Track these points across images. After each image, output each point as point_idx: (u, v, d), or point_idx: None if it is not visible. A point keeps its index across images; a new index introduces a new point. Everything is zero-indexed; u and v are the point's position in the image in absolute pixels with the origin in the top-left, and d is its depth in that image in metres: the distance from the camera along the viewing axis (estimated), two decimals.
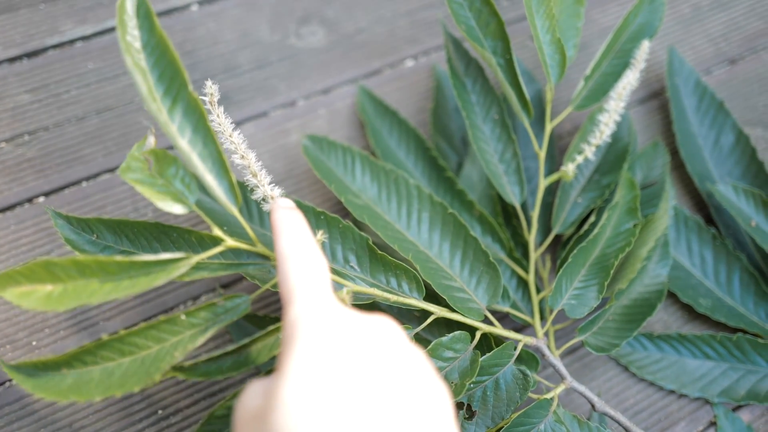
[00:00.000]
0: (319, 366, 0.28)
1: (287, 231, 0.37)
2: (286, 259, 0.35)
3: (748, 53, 0.71)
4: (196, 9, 0.66)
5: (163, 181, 0.37)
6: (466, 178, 0.58)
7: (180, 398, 0.50)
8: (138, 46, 0.36)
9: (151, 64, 0.36)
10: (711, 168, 0.62)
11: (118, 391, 0.35)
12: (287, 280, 0.34)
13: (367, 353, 0.29)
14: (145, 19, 0.36)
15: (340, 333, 0.30)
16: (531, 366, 0.47)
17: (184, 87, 0.36)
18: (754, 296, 0.56)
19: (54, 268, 0.33)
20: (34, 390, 0.35)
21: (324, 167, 0.53)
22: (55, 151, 0.57)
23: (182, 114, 0.37)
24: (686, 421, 0.53)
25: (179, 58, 0.36)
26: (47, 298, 0.33)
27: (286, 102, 0.63)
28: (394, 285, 0.45)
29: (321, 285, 0.34)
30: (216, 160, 0.38)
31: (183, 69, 0.36)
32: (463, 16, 0.52)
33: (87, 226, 0.44)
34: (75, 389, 0.35)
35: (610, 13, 0.72)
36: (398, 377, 0.29)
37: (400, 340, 0.31)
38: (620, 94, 0.52)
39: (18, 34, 0.62)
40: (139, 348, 0.36)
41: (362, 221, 0.48)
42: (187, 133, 0.37)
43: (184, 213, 0.38)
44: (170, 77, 0.36)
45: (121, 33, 0.35)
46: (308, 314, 0.31)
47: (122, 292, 0.33)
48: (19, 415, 0.48)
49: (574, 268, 0.49)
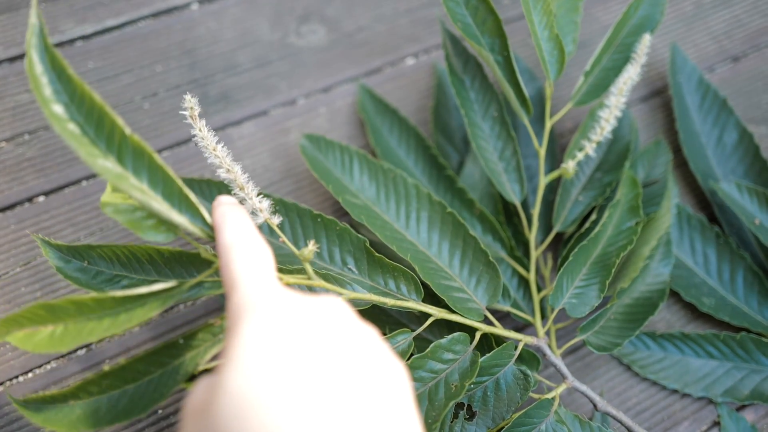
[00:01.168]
0: (265, 351, 0.27)
1: (229, 223, 0.35)
2: (229, 248, 0.34)
3: (752, 51, 0.71)
4: (197, 8, 0.66)
5: (143, 213, 0.36)
6: (467, 177, 0.58)
7: (180, 398, 0.50)
8: (61, 111, 0.32)
9: (81, 122, 0.33)
10: (714, 166, 0.61)
11: (125, 418, 0.35)
12: (230, 268, 0.33)
13: (315, 335, 0.28)
14: (61, 73, 0.33)
15: (286, 316, 0.29)
16: (532, 366, 0.46)
17: (123, 134, 0.34)
18: (757, 295, 0.56)
19: (53, 309, 0.33)
20: (44, 424, 0.36)
21: (321, 167, 0.52)
22: (55, 150, 0.57)
23: (132, 159, 0.34)
24: (689, 420, 0.53)
25: (104, 104, 0.33)
26: (50, 339, 0.33)
27: (287, 100, 0.63)
28: (393, 287, 0.45)
29: (265, 270, 0.33)
30: (181, 196, 0.36)
31: (114, 115, 0.33)
32: (460, 13, 0.51)
33: (78, 252, 0.43)
34: (84, 420, 0.36)
35: (612, 11, 0.71)
36: (350, 358, 0.28)
37: (350, 320, 0.30)
38: (621, 90, 0.52)
39: (19, 33, 0.62)
40: (142, 374, 0.37)
41: (360, 221, 0.47)
42: (145, 176, 0.34)
43: (170, 241, 0.37)
44: (108, 129, 0.33)
45: (47, 111, 0.32)
46: (252, 299, 0.30)
47: (120, 326, 0.33)
48: (19, 414, 0.48)
49: (575, 267, 0.49)
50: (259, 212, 0.41)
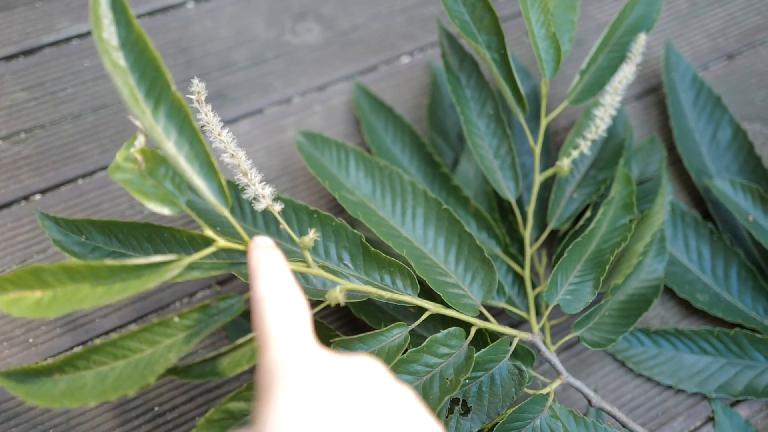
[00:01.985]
0: (301, 423, 0.26)
1: (265, 271, 0.35)
2: (263, 299, 0.33)
3: (746, 48, 0.71)
4: (192, 6, 0.66)
5: (153, 182, 0.36)
6: (462, 175, 0.58)
7: (176, 395, 0.50)
8: (115, 44, 0.34)
9: (130, 63, 0.34)
10: (708, 163, 0.62)
11: (111, 395, 0.34)
12: (263, 322, 0.32)
13: (351, 401, 0.28)
14: (122, 15, 0.34)
15: (321, 382, 0.28)
16: (527, 362, 0.47)
17: (167, 87, 0.35)
18: (751, 291, 0.56)
19: (43, 273, 0.32)
20: (26, 397, 0.34)
21: (318, 164, 0.53)
22: (51, 148, 0.57)
23: (166, 115, 0.35)
24: (684, 416, 0.53)
25: (160, 56, 0.35)
26: (37, 305, 0.32)
27: (282, 99, 0.63)
28: (388, 282, 0.45)
29: (299, 328, 0.32)
30: (204, 162, 0.36)
31: (164, 68, 0.35)
32: (457, 11, 0.52)
33: (75, 227, 0.43)
34: (68, 395, 0.35)
35: (607, 9, 0.71)
36: (387, 423, 0.27)
37: (385, 382, 0.29)
38: (616, 88, 0.52)
39: (14, 32, 0.62)
40: (132, 351, 0.36)
41: (356, 218, 0.48)
42: (173, 134, 0.35)
43: (175, 214, 0.37)
44: (152, 77, 0.35)
45: (96, 32, 0.33)
46: (285, 361, 0.29)
47: (114, 296, 0.33)
48: (16, 411, 0.48)
49: (569, 264, 0.49)
50: (262, 198, 0.41)
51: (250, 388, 0.40)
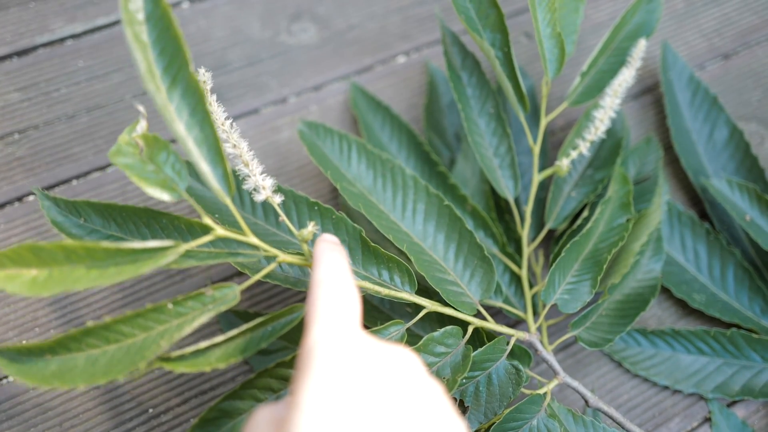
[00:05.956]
0: (335, 398, 0.27)
1: (326, 260, 0.36)
2: (318, 284, 0.35)
3: (742, 48, 0.71)
4: (187, 6, 0.65)
5: (153, 167, 0.36)
6: (459, 174, 0.58)
7: (170, 396, 0.50)
8: (141, 17, 0.33)
9: (152, 39, 0.34)
10: (705, 163, 0.62)
11: (102, 379, 0.34)
12: (313, 303, 0.34)
13: (382, 386, 0.29)
14: None
15: (358, 363, 0.29)
16: (524, 361, 0.46)
17: (185, 66, 0.34)
18: (748, 291, 0.56)
19: (40, 252, 0.32)
20: (17, 375, 0.34)
21: (320, 152, 0.52)
22: (45, 149, 0.57)
23: (181, 95, 0.35)
24: (680, 417, 0.53)
25: (183, 34, 0.34)
26: (32, 283, 0.32)
27: (278, 99, 0.63)
28: (387, 278, 0.45)
29: (347, 314, 0.33)
30: (212, 147, 0.36)
31: (186, 47, 0.34)
32: (464, 6, 0.52)
33: (75, 209, 0.43)
34: (58, 375, 0.34)
35: (602, 9, 0.71)
36: (415, 412, 0.28)
37: (419, 374, 0.30)
38: (616, 92, 0.53)
39: (8, 32, 0.61)
40: (124, 336, 0.35)
41: (357, 209, 0.47)
42: (185, 115, 0.35)
43: (174, 200, 0.37)
44: (171, 54, 0.34)
45: (123, 2, 0.33)
46: (326, 340, 0.30)
47: (108, 279, 0.33)
48: (9, 414, 0.48)
49: (566, 263, 0.49)
50: (262, 189, 0.41)
51: (245, 387, 0.40)
